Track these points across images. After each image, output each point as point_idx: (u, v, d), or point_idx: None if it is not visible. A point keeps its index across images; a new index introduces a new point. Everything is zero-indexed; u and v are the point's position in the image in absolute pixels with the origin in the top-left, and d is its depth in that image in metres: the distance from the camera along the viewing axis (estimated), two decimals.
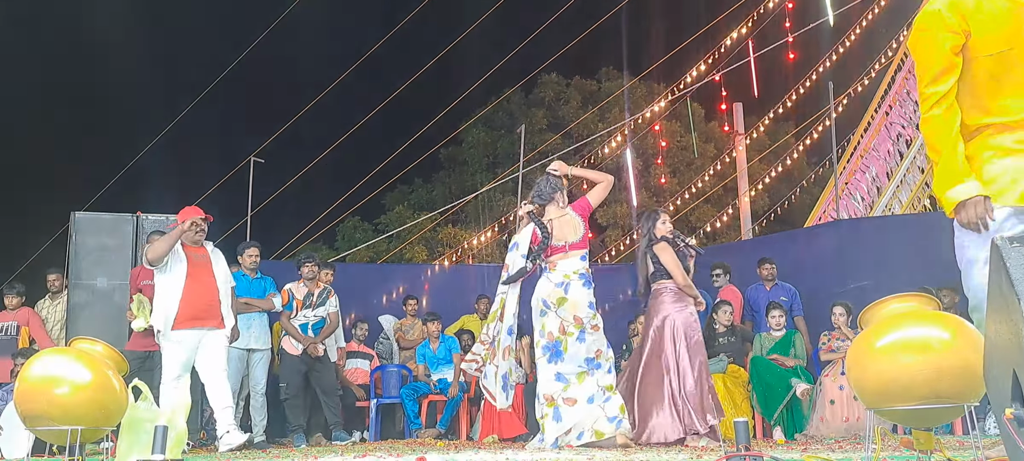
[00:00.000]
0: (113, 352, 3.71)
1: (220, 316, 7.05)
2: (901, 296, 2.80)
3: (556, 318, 6.18)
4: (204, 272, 7.03)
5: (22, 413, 3.44)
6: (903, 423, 2.77)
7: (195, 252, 7.06)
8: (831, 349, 7.85)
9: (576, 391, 6.09)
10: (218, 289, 7.09)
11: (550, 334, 6.19)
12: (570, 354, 6.15)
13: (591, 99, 22.91)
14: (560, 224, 6.33)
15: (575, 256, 6.29)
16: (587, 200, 6.50)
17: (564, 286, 6.21)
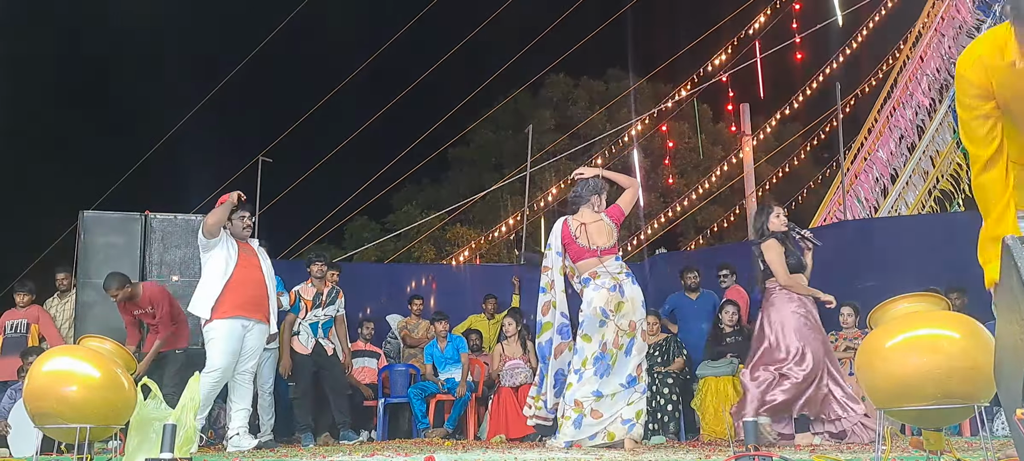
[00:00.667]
0: (122, 350, 3.72)
1: (267, 311, 7.06)
2: (911, 296, 2.79)
3: (614, 327, 6.08)
4: (252, 264, 7.04)
5: (31, 411, 3.44)
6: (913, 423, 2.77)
7: (244, 245, 7.08)
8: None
9: (606, 407, 6.05)
10: (266, 284, 7.10)
11: (604, 345, 6.08)
12: (616, 370, 6.09)
13: (599, 99, 22.91)
14: (595, 229, 6.26)
15: (610, 259, 6.22)
16: (619, 208, 6.44)
17: (618, 288, 6.11)
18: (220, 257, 6.85)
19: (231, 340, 6.73)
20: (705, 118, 22.76)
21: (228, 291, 6.77)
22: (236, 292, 6.81)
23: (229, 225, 7.05)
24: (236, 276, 6.84)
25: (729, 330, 8.28)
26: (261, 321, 6.98)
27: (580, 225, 6.27)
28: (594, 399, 6.03)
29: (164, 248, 8.46)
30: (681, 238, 21.92)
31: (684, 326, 9.18)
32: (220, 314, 6.72)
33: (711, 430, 7.69)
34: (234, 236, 7.03)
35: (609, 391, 6.05)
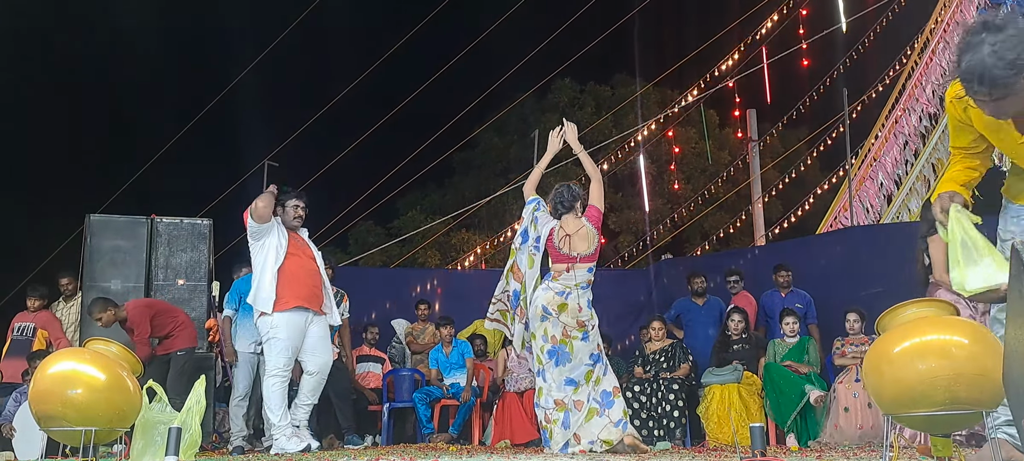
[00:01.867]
0: (127, 353, 3.72)
1: (323, 303, 6.90)
2: (919, 302, 2.78)
3: (558, 323, 6.17)
4: (305, 254, 6.88)
5: (36, 414, 3.44)
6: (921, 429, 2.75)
7: (295, 235, 6.91)
8: (845, 355, 7.81)
9: (584, 392, 6.11)
10: (321, 275, 6.95)
11: (553, 337, 6.17)
12: (577, 354, 6.17)
13: (605, 105, 22.89)
14: (577, 237, 6.30)
15: (583, 268, 6.27)
16: (595, 208, 6.45)
17: (565, 294, 6.19)
18: (271, 247, 6.67)
19: (293, 334, 6.57)
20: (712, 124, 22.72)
21: (284, 282, 6.60)
22: (293, 283, 6.63)
23: (280, 212, 6.88)
24: (289, 266, 6.67)
25: (736, 337, 8.26)
26: (320, 313, 6.82)
27: (564, 236, 6.30)
28: (571, 390, 6.12)
29: (170, 252, 8.47)
30: (687, 244, 21.89)
31: (690, 332, 9.17)
32: (281, 306, 6.55)
33: (716, 437, 7.67)
34: (285, 225, 6.86)
35: (579, 374, 6.14)
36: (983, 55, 2.65)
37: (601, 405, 6.10)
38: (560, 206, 6.43)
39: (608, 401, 6.11)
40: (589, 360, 6.18)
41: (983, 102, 2.79)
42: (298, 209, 6.95)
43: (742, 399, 7.72)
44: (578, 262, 6.26)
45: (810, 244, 11.39)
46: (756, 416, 7.68)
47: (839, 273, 9.48)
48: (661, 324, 8.55)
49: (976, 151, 3.18)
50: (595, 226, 6.35)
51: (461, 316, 9.95)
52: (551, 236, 6.34)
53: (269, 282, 6.56)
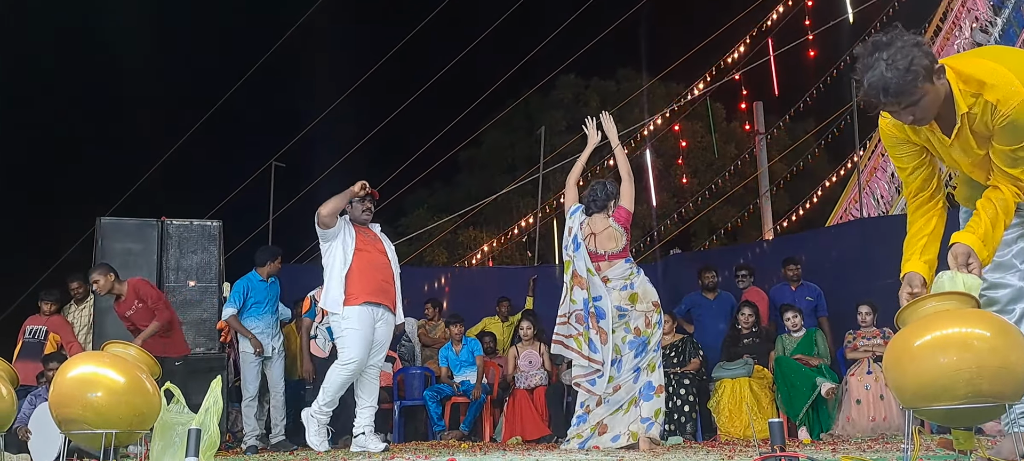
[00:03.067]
0: (146, 356, 3.73)
1: (394, 299, 6.73)
2: (939, 295, 2.78)
3: (639, 313, 6.18)
4: (376, 248, 6.74)
5: (57, 417, 3.45)
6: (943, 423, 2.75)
7: (364, 230, 6.79)
8: (857, 348, 7.80)
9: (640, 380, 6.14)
10: (392, 270, 6.80)
11: (636, 330, 6.18)
12: (653, 343, 6.22)
13: (610, 100, 22.86)
14: (604, 236, 6.32)
15: (619, 262, 6.29)
16: (624, 209, 6.45)
17: (629, 286, 6.23)
18: (338, 246, 6.55)
19: (365, 328, 6.42)
20: (718, 117, 22.70)
21: (353, 278, 6.46)
22: (362, 278, 6.49)
23: (348, 209, 6.75)
24: (357, 262, 6.52)
25: (746, 331, 8.26)
26: (389, 309, 6.66)
27: (589, 235, 6.32)
28: (632, 378, 6.14)
29: (181, 253, 8.49)
30: (694, 238, 21.89)
31: (701, 326, 9.16)
32: (351, 301, 6.43)
33: (727, 431, 7.68)
34: (354, 221, 6.74)
35: (644, 364, 6.15)
36: (881, 70, 2.94)
37: (642, 396, 6.10)
38: (592, 204, 6.44)
39: (648, 394, 6.11)
40: (655, 347, 6.23)
41: (898, 113, 3.05)
42: (366, 202, 6.83)
43: (753, 393, 7.73)
44: (608, 259, 6.29)
45: (820, 236, 11.39)
46: (768, 410, 7.68)
47: (849, 265, 9.47)
48: (669, 318, 8.54)
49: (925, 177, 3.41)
50: (623, 226, 6.35)
51: (470, 314, 9.96)
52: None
53: (337, 282, 6.46)
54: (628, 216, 6.43)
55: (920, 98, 2.96)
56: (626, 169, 6.59)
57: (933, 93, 2.98)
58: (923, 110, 3.01)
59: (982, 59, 3.12)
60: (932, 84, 2.97)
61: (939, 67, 3.00)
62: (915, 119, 3.05)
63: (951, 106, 3.07)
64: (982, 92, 3.00)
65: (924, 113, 3.03)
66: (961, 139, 3.13)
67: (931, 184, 3.41)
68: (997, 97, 2.97)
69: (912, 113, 3.01)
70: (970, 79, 3.04)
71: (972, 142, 3.12)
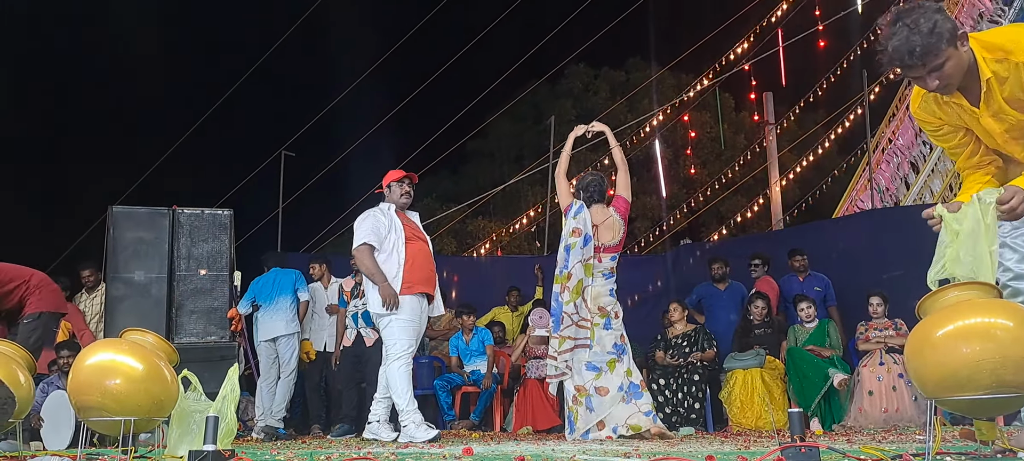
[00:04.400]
0: (164, 343, 3.73)
1: (435, 287, 6.69)
2: (961, 285, 2.76)
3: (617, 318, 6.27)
4: (420, 237, 6.69)
5: (76, 405, 3.46)
6: (966, 413, 2.73)
7: (405, 217, 6.71)
8: (868, 339, 7.79)
9: (607, 380, 6.14)
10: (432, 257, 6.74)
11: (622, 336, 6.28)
12: (599, 341, 6.21)
13: (619, 89, 22.84)
14: (603, 227, 6.33)
15: (607, 257, 6.32)
16: (623, 199, 6.46)
17: (611, 291, 6.32)
18: (391, 239, 6.49)
19: (415, 318, 6.41)
20: (727, 107, 22.65)
21: (409, 268, 6.41)
22: (414, 267, 6.45)
23: (387, 193, 6.74)
24: (409, 251, 6.47)
25: (759, 322, 8.25)
26: (432, 300, 6.64)
27: (593, 226, 6.31)
28: (593, 376, 6.16)
29: (192, 242, 8.50)
30: (704, 228, 21.86)
31: (711, 316, 9.15)
32: (405, 291, 6.36)
33: (739, 421, 7.67)
34: (395, 206, 6.70)
35: (601, 360, 6.17)
36: (905, 35, 3.01)
37: (629, 395, 6.12)
38: (592, 195, 6.45)
39: (636, 392, 6.14)
40: (612, 349, 6.20)
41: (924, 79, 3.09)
42: (405, 185, 6.74)
43: (765, 384, 7.72)
44: (603, 252, 6.30)
45: (829, 227, 11.36)
46: (779, 401, 7.67)
47: (860, 256, 9.46)
48: (680, 307, 8.53)
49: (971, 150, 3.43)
50: (622, 216, 6.38)
51: (479, 303, 9.96)
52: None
53: (395, 269, 6.40)
54: (627, 207, 6.48)
55: (944, 62, 3.01)
56: (621, 158, 6.61)
57: (956, 58, 3.03)
58: (947, 75, 3.05)
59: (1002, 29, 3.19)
60: (955, 49, 3.02)
61: (962, 33, 3.04)
62: (940, 85, 3.09)
63: (976, 76, 3.12)
64: (1008, 56, 3.06)
65: (948, 79, 3.07)
66: (992, 106, 3.16)
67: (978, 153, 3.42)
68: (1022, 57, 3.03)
69: (937, 78, 3.06)
70: (992, 46, 3.09)
71: (1005, 107, 3.15)
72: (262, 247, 11.40)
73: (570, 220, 6.36)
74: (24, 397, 3.54)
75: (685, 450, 4.59)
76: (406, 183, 6.73)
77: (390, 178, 6.77)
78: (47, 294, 6.30)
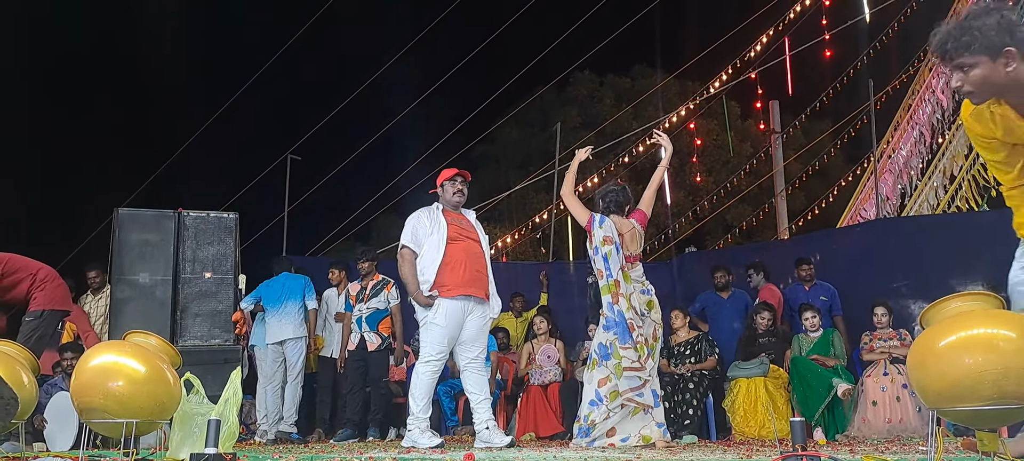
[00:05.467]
0: (167, 346, 3.75)
1: (487, 288, 6.47)
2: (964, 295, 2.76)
3: (651, 322, 6.20)
4: (469, 237, 6.48)
5: (78, 406, 3.47)
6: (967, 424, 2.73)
7: (455, 216, 6.53)
8: (873, 349, 7.77)
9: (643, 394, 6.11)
10: (485, 258, 6.54)
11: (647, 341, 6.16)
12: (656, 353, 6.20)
13: (625, 97, 22.83)
14: (629, 237, 6.31)
15: (639, 265, 6.32)
16: (643, 212, 6.47)
17: (647, 291, 6.25)
18: (432, 240, 6.36)
19: (451, 323, 6.23)
20: (733, 115, 22.63)
21: (445, 268, 6.25)
22: (455, 268, 6.27)
23: (440, 191, 6.60)
24: (451, 252, 6.29)
25: (762, 330, 8.24)
26: (482, 300, 6.41)
27: (619, 235, 6.28)
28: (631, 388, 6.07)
29: (197, 245, 8.51)
30: (709, 236, 21.84)
31: (714, 325, 9.14)
32: (442, 294, 6.23)
33: (742, 430, 7.66)
34: (445, 203, 6.56)
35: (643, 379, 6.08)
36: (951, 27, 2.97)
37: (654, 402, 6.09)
38: (612, 205, 6.42)
39: (656, 401, 6.11)
40: (652, 399, 6.16)
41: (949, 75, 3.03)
42: (457, 183, 6.58)
43: (769, 393, 7.71)
44: (631, 261, 6.29)
45: (834, 236, 11.35)
46: (783, 410, 7.66)
47: (864, 266, 9.44)
48: (681, 314, 8.51)
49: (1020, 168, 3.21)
50: (643, 227, 6.39)
51: None
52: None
53: (430, 271, 6.27)
54: (645, 220, 6.48)
55: (970, 67, 2.94)
56: (660, 178, 6.63)
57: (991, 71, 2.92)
58: (973, 82, 2.96)
59: None
60: (993, 61, 2.91)
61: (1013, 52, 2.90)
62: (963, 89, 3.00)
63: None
64: None
65: (973, 86, 2.98)
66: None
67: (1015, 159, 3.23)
68: None
69: (959, 79, 2.98)
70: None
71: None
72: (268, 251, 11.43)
73: (598, 230, 6.28)
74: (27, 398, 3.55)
75: (687, 459, 4.59)
76: (458, 181, 6.58)
77: (442, 177, 6.65)
78: (51, 290, 6.36)
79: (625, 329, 6.07)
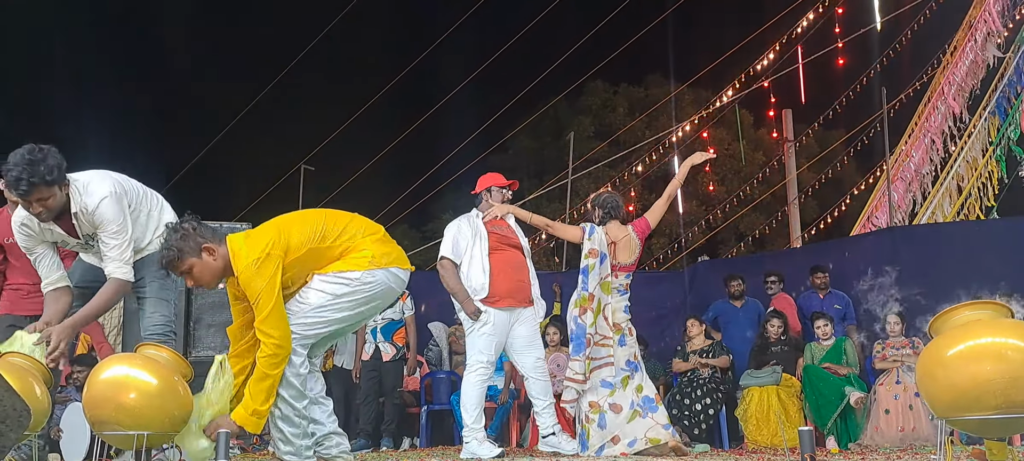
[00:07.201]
0: (179, 359, 3.78)
1: (530, 294, 6.43)
2: (973, 304, 2.75)
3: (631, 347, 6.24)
4: (511, 245, 6.44)
5: (90, 418, 3.50)
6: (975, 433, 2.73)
7: (496, 224, 6.48)
8: (885, 358, 7.75)
9: (621, 396, 6.12)
10: (527, 264, 6.51)
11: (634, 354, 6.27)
12: (614, 358, 6.18)
13: (638, 106, 22.84)
14: (622, 245, 6.30)
15: (622, 275, 6.31)
16: (647, 223, 6.46)
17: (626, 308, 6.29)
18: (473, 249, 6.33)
19: (498, 332, 6.21)
20: (746, 124, 22.60)
21: (493, 279, 6.22)
22: (498, 280, 6.24)
23: (487, 196, 6.54)
24: (492, 263, 6.27)
25: (775, 340, 8.22)
26: (526, 307, 6.38)
27: (610, 243, 6.28)
28: (607, 393, 6.12)
29: None
30: (722, 245, 21.79)
31: (728, 333, 9.12)
32: (491, 304, 6.20)
33: (755, 439, 7.65)
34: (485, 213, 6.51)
35: (615, 377, 6.13)
36: None
37: (644, 409, 6.09)
38: (612, 212, 6.42)
39: (652, 406, 6.11)
40: (625, 366, 6.19)
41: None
42: (506, 194, 6.57)
43: (781, 401, 7.69)
44: (619, 270, 6.29)
45: (848, 245, 11.30)
46: (795, 418, 7.64)
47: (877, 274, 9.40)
48: (697, 323, 8.51)
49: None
50: (640, 238, 6.36)
51: None
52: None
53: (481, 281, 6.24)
54: (647, 230, 6.44)
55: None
56: (674, 190, 6.65)
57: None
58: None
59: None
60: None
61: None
62: None
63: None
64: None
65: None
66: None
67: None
68: None
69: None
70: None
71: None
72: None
73: (586, 242, 6.29)
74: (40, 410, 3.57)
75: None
76: (508, 192, 6.57)
77: (490, 182, 6.60)
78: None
79: (581, 341, 6.09)
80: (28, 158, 4.04)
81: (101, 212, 4.34)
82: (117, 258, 4.40)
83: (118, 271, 4.42)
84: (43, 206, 4.16)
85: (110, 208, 4.37)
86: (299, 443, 4.27)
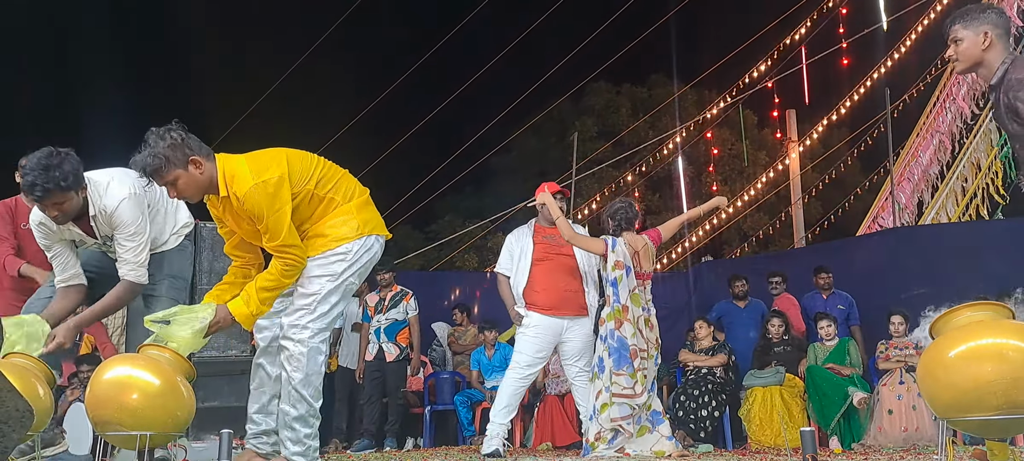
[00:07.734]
0: (181, 359, 3.78)
1: (582, 303, 6.49)
2: (974, 305, 2.75)
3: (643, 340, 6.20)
4: (560, 252, 6.49)
5: (92, 419, 3.49)
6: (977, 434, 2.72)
7: (549, 232, 6.54)
8: (889, 358, 7.74)
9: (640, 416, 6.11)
10: (578, 272, 6.54)
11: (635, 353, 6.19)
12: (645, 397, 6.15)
13: (641, 106, 22.83)
14: (643, 253, 6.32)
15: (648, 284, 6.33)
16: (659, 234, 6.49)
17: (647, 311, 6.26)
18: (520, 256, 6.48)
19: (540, 337, 6.30)
20: (750, 125, 22.57)
21: (532, 289, 6.37)
22: (543, 290, 6.37)
23: (539, 209, 6.63)
24: (537, 273, 6.41)
25: (777, 340, 8.22)
26: (578, 316, 6.44)
27: (634, 253, 6.28)
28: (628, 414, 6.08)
29: (214, 256, 8.52)
30: (726, 246, 21.78)
31: (731, 334, 9.11)
32: (533, 308, 6.34)
33: (758, 439, 7.65)
34: (543, 222, 6.62)
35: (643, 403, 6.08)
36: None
37: (652, 424, 6.10)
38: (624, 222, 6.41)
39: (658, 420, 6.12)
40: (651, 387, 6.22)
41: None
42: (558, 200, 6.54)
43: (784, 402, 7.69)
44: (644, 279, 6.30)
45: (851, 245, 11.30)
46: (798, 419, 7.64)
47: (880, 275, 9.40)
48: (705, 324, 8.52)
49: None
50: (656, 246, 6.40)
51: (501, 319, 9.94)
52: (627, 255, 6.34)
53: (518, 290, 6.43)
54: (660, 241, 6.48)
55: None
56: (691, 219, 6.70)
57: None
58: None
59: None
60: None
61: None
62: None
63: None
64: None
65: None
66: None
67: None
68: None
69: None
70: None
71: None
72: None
73: (610, 254, 6.26)
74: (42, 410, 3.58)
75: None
76: (559, 199, 6.55)
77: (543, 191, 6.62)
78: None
79: (625, 354, 6.07)
80: (44, 163, 4.04)
81: (119, 214, 4.37)
82: (132, 261, 4.45)
83: (132, 274, 4.46)
84: (59, 210, 4.18)
85: (129, 210, 4.40)
86: (309, 444, 4.27)
